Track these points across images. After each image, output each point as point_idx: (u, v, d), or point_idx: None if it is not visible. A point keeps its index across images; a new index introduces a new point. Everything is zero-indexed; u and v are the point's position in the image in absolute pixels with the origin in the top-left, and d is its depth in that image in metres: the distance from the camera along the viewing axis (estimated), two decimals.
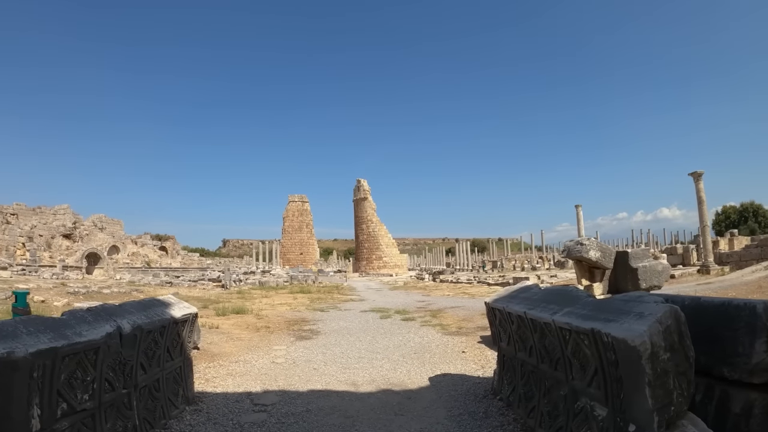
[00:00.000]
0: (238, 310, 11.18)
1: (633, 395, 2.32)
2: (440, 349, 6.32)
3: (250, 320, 9.85)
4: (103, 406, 2.94)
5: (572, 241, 7.46)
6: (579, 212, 29.59)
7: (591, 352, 2.53)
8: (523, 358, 3.48)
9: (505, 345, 3.84)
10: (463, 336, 7.38)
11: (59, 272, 31.84)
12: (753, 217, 54.16)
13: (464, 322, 8.92)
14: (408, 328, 8.46)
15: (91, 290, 18.86)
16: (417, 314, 10.58)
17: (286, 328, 8.64)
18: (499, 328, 3.92)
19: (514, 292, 3.88)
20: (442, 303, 13.49)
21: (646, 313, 2.40)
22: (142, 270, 36.97)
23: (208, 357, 6.21)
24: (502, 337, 3.90)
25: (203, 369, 5.50)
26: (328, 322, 9.48)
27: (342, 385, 4.60)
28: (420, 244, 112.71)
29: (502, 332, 3.88)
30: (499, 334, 3.98)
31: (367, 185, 49.63)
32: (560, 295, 3.20)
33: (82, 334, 2.76)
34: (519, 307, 3.38)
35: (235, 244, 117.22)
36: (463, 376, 4.89)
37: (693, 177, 20.89)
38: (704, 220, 20.73)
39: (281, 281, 26.74)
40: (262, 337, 7.65)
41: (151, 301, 3.91)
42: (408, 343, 6.82)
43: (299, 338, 7.54)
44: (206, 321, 9.31)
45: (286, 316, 10.72)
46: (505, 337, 3.82)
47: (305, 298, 16.30)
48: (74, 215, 48.92)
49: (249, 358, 6.04)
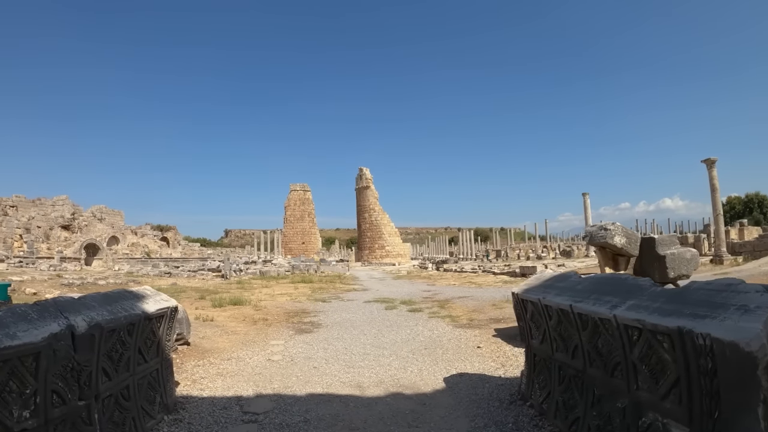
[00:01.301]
0: (236, 301, 10.65)
1: (738, 416, 1.73)
2: (453, 344, 5.75)
3: (248, 312, 9.31)
4: (52, 422, 2.37)
5: (594, 226, 6.84)
6: (586, 200, 28.93)
7: (672, 357, 1.94)
8: (563, 359, 2.90)
9: (537, 343, 3.25)
10: (475, 329, 6.82)
11: (57, 264, 31.43)
12: (758, 207, 53.50)
13: (475, 314, 8.36)
14: (415, 320, 7.90)
15: (86, 281, 18.39)
16: (424, 305, 10.02)
17: (285, 321, 8.09)
18: (531, 323, 3.33)
19: (549, 281, 3.28)
20: (448, 293, 12.93)
21: (752, 306, 1.80)
22: (141, 261, 36.53)
23: (198, 353, 5.66)
24: (534, 333, 3.31)
25: (191, 368, 4.95)
26: (330, 314, 8.93)
27: (345, 388, 4.04)
28: (422, 233, 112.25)
29: (534, 328, 3.28)
30: (530, 330, 3.39)
31: (369, 174, 48.91)
32: (613, 283, 2.61)
33: (16, 335, 2.17)
34: (560, 299, 2.79)
35: (237, 234, 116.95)
36: (482, 376, 4.31)
37: (706, 164, 20.15)
38: (717, 209, 20.03)
39: (282, 271, 26.25)
40: (259, 331, 7.09)
41: (119, 294, 3.32)
42: (417, 337, 6.25)
43: (299, 332, 6.98)
44: (201, 313, 8.78)
45: (285, 307, 10.17)
46: (538, 334, 3.24)
47: (306, 288, 15.77)
48: (73, 206, 48.37)
49: (243, 355, 5.48)
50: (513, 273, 20.27)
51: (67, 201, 48.40)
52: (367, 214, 47.82)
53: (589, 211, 28.92)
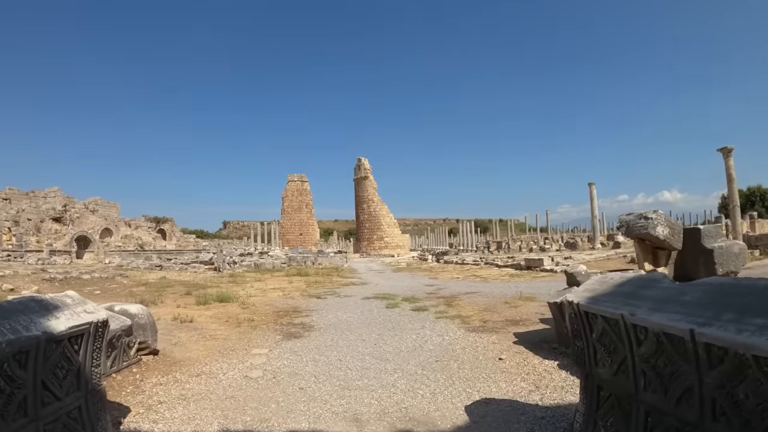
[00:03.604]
0: (223, 298, 9.71)
1: None
2: (469, 355, 4.82)
3: (234, 310, 8.38)
4: None
5: (632, 214, 5.87)
6: (592, 190, 27.97)
7: None
8: (659, 403, 1.96)
9: (608, 374, 2.31)
10: (491, 333, 5.89)
11: (46, 257, 30.43)
12: (760, 201, 52.91)
13: (487, 314, 7.43)
14: (421, 321, 6.97)
15: (70, 276, 17.39)
16: (428, 302, 9.10)
17: (274, 322, 7.15)
18: (597, 345, 2.38)
19: (625, 287, 2.33)
20: (453, 288, 12.01)
21: None
22: (134, 253, 35.52)
23: (165, 366, 4.73)
24: (603, 359, 2.36)
25: (151, 387, 4.01)
26: (325, 313, 8.00)
27: (338, 423, 3.10)
28: (421, 224, 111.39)
29: (603, 353, 2.34)
30: (594, 355, 2.45)
31: (368, 164, 47.81)
32: (752, 294, 1.66)
33: None
34: (663, 318, 1.83)
35: (235, 226, 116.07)
36: (514, 403, 3.38)
37: (722, 153, 19.15)
38: (734, 200, 19.06)
39: (278, 263, 25.32)
40: (241, 335, 6.16)
41: (20, 305, 2.36)
42: (425, 345, 5.32)
43: (287, 336, 6.05)
44: (181, 312, 7.85)
45: (276, 304, 9.24)
46: (610, 362, 2.29)
47: (301, 282, 14.84)
48: (65, 198, 47.24)
49: (217, 369, 4.54)
50: (518, 266, 19.35)
51: (58, 193, 47.24)
52: (366, 205, 46.81)
53: (596, 202, 27.99)
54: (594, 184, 28.06)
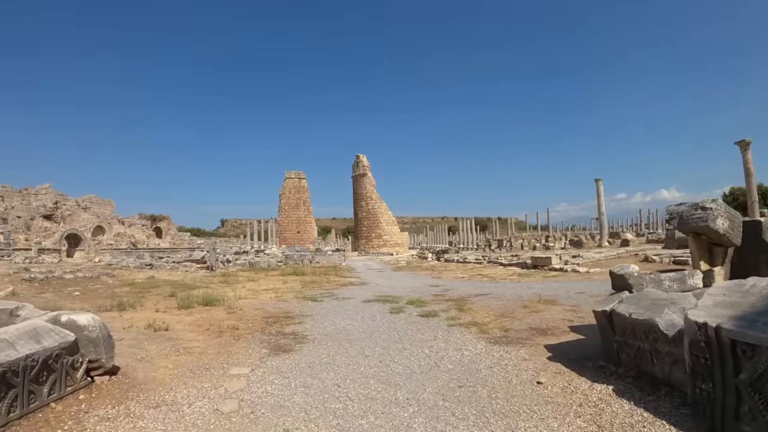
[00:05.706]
0: (208, 301, 8.77)
1: None
2: (498, 377, 3.88)
3: (218, 316, 7.44)
4: None
5: (684, 204, 4.93)
6: (599, 187, 27.08)
7: None
8: None
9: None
10: (518, 345, 4.96)
11: (34, 256, 29.45)
12: (762, 199, 52.40)
13: (506, 320, 6.51)
14: (432, 329, 6.03)
15: (52, 275, 16.37)
16: (437, 305, 8.17)
17: (261, 331, 6.21)
18: (746, 392, 1.45)
19: None
20: (461, 288, 11.09)
21: None
22: (126, 251, 34.52)
23: (120, 391, 3.79)
24: (756, 413, 1.43)
25: (95, 424, 3.07)
26: (320, 320, 7.06)
27: None
28: (419, 222, 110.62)
29: (758, 403, 1.41)
30: (736, 405, 1.52)
31: (366, 161, 46.83)
32: None
33: None
34: None
35: (233, 224, 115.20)
36: None
37: (740, 146, 18.29)
38: (753, 195, 18.23)
39: (274, 262, 24.37)
40: (221, 348, 5.22)
41: None
42: (442, 363, 4.38)
43: (274, 350, 5.10)
44: (158, 318, 6.91)
45: (267, 308, 8.30)
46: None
47: (297, 282, 13.91)
48: (57, 195, 46.16)
49: (182, 397, 3.60)
50: (524, 264, 18.44)
51: (50, 190, 46.14)
52: (364, 202, 45.86)
53: (602, 199, 27.10)
54: (600, 180, 27.19)
